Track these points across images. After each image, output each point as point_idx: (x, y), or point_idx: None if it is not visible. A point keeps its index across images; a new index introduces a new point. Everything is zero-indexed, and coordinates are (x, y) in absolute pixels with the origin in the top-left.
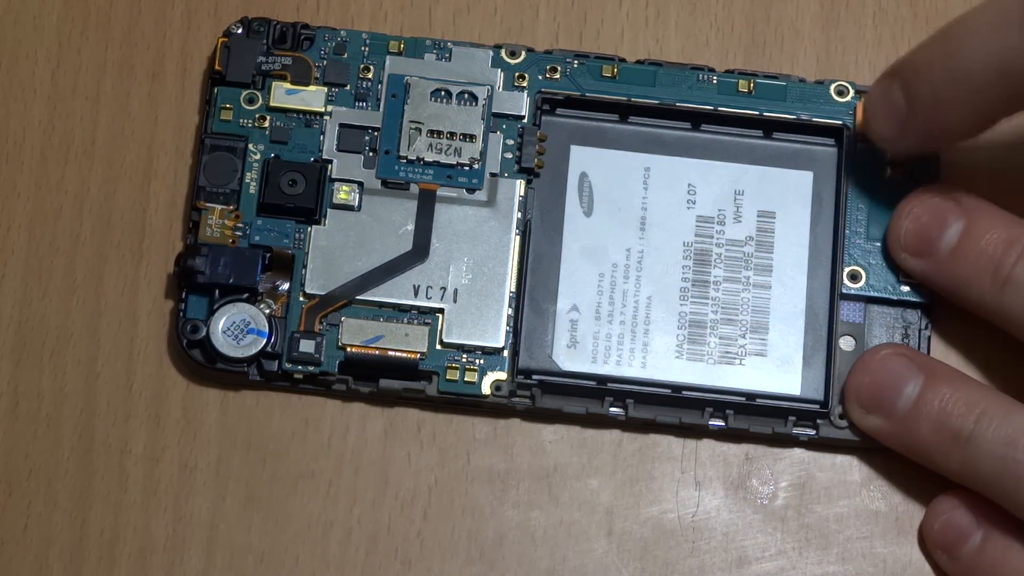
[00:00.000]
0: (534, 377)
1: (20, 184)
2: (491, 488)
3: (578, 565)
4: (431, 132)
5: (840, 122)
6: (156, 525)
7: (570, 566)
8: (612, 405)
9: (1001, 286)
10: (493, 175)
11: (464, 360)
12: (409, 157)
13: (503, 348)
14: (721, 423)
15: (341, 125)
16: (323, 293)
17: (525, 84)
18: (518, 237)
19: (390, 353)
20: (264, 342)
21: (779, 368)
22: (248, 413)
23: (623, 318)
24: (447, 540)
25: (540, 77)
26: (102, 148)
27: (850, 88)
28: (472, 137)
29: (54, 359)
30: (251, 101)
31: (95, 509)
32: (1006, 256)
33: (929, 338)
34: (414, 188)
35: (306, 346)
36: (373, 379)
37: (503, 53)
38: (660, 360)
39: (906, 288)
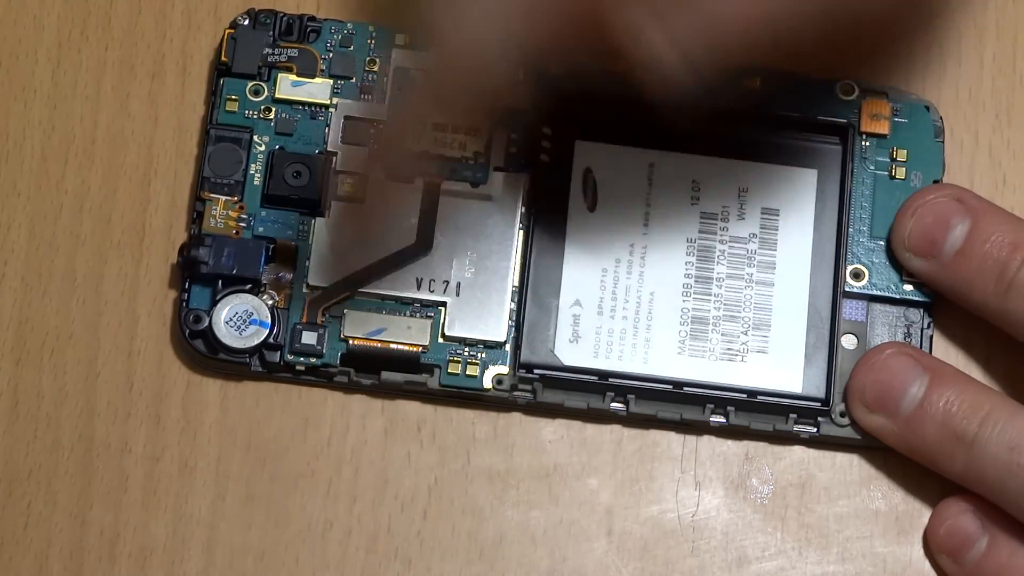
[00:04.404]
0: (536, 371)
1: (20, 184)
2: (491, 488)
3: (578, 565)
4: (436, 126)
5: (845, 120)
6: (156, 525)
7: (570, 566)
8: (613, 400)
9: (1005, 290)
10: (497, 169)
11: (466, 354)
12: (414, 150)
13: (505, 342)
14: (722, 420)
15: (346, 117)
16: (326, 285)
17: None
18: (521, 231)
19: (392, 346)
20: (266, 333)
21: (781, 365)
22: (248, 412)
23: (625, 313)
24: (447, 540)
25: (545, 72)
26: (102, 148)
27: (855, 86)
28: (477, 131)
29: (54, 359)
30: (257, 93)
31: (95, 509)
32: (1011, 259)
33: (931, 337)
34: (418, 181)
35: (308, 338)
36: (375, 371)
37: None
38: (662, 356)
39: (909, 287)
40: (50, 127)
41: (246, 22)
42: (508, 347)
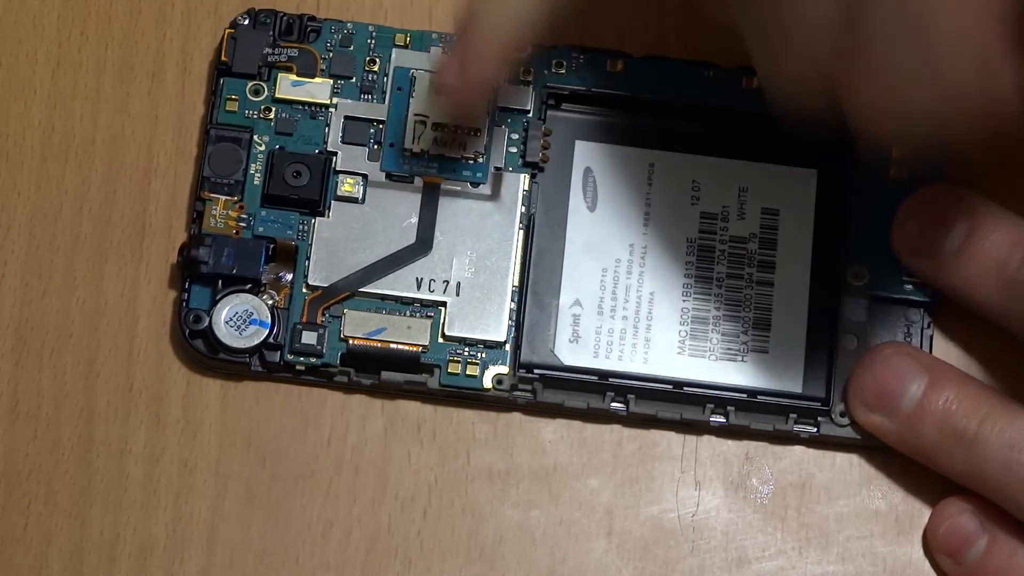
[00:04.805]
0: (536, 371)
1: (20, 184)
2: (491, 488)
3: (578, 565)
4: (436, 125)
5: None
6: (156, 525)
7: (570, 566)
8: (613, 400)
9: (1006, 288)
10: (497, 169)
11: (466, 354)
12: (414, 150)
13: (505, 342)
14: (722, 419)
15: (346, 117)
16: (326, 285)
17: (531, 78)
18: (522, 231)
19: (392, 346)
20: (266, 333)
21: (781, 365)
22: (248, 412)
23: (626, 313)
24: (447, 540)
25: (545, 72)
26: (102, 148)
27: None
28: (477, 131)
29: (54, 359)
30: (257, 92)
31: (95, 509)
32: (1011, 258)
33: (932, 337)
34: (418, 181)
35: (308, 338)
36: (375, 371)
37: None
38: (662, 356)
39: (909, 287)
40: (50, 127)
41: (246, 22)
42: (508, 347)
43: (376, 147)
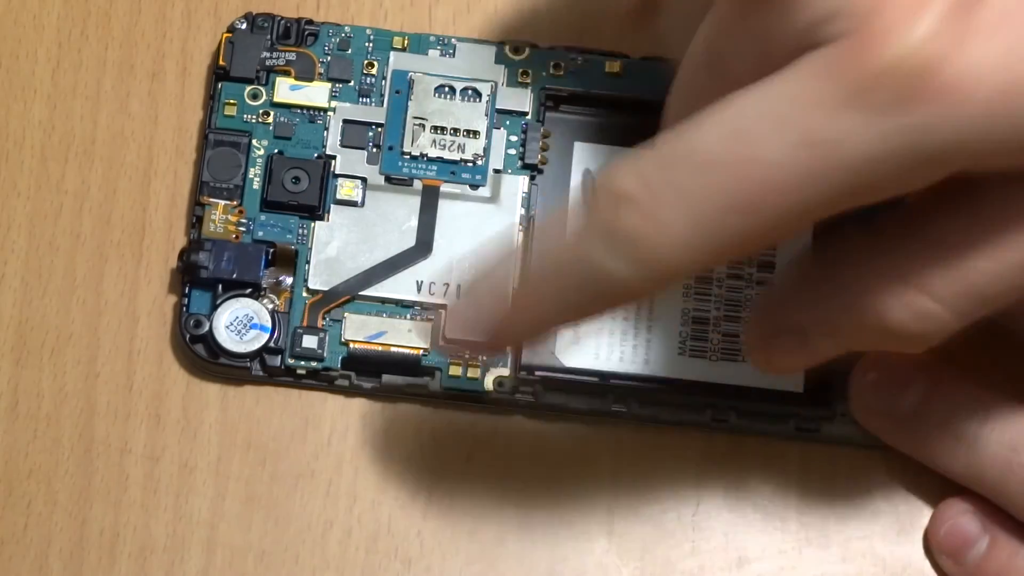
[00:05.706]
0: (537, 374)
1: (20, 184)
2: (491, 488)
3: (578, 565)
4: (435, 128)
5: None
6: (156, 525)
7: (570, 566)
8: (614, 402)
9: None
10: (496, 171)
11: (467, 356)
12: (412, 153)
13: None
14: (723, 420)
15: (345, 121)
16: (326, 289)
17: (529, 80)
18: (521, 233)
19: (393, 349)
20: (267, 337)
21: None
22: (248, 412)
23: (626, 314)
24: (447, 540)
25: (544, 73)
26: (102, 148)
27: None
28: (476, 133)
29: (54, 359)
30: (255, 97)
31: (95, 509)
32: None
33: None
34: (417, 184)
35: (309, 342)
36: (376, 375)
37: (507, 49)
38: (663, 356)
39: None
40: (50, 127)
41: (243, 26)
42: (509, 349)
43: (375, 150)
